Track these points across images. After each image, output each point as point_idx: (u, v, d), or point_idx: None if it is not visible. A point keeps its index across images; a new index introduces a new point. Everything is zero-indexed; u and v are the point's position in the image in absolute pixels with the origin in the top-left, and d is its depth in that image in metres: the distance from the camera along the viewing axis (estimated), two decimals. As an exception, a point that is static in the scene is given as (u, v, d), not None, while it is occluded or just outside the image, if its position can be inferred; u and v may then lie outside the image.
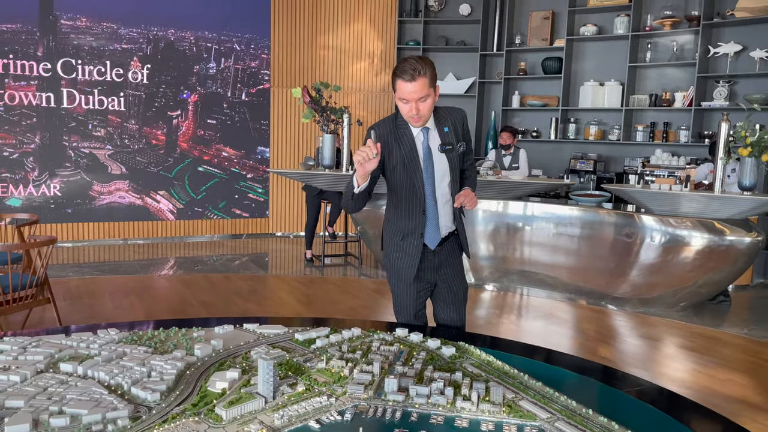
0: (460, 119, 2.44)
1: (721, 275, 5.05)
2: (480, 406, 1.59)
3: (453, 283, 2.53)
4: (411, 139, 2.36)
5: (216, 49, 7.91)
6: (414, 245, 2.42)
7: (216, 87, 7.96)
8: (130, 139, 7.60)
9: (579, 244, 5.43)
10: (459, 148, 2.42)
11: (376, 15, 8.56)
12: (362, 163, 2.10)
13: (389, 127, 2.37)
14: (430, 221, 2.41)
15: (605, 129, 7.63)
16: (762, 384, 3.63)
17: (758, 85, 6.49)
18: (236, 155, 8.17)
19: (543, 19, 7.92)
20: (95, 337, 2.02)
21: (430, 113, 2.32)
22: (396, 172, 2.37)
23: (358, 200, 2.30)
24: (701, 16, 6.67)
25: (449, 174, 2.40)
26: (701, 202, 4.91)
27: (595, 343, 4.37)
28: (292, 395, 1.63)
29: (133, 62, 7.49)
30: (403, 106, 2.27)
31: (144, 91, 7.59)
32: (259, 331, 2.17)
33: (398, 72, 2.22)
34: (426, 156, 2.36)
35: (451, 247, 2.52)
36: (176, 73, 7.73)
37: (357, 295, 5.54)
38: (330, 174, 5.79)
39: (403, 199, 2.40)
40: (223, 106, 8.02)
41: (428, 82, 2.21)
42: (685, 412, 1.73)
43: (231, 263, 6.76)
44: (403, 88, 2.21)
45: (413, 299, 2.50)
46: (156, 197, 7.79)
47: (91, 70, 7.27)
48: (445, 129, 2.38)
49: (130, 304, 4.99)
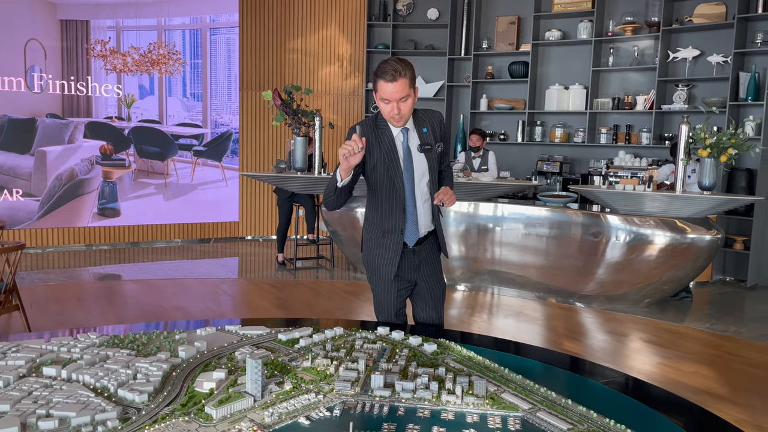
0: (438, 121, 2.51)
1: (683, 272, 5.23)
2: (464, 399, 1.64)
3: (432, 282, 2.58)
4: (391, 139, 2.42)
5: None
6: (394, 243, 2.47)
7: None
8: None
9: (547, 243, 5.55)
10: (437, 148, 2.49)
11: (345, 19, 8.60)
12: (347, 157, 2.15)
13: (370, 126, 2.43)
14: (410, 219, 2.46)
15: (570, 131, 7.81)
16: (725, 376, 3.78)
17: (715, 89, 6.74)
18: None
19: (509, 24, 8.07)
20: (76, 341, 2.01)
21: (410, 113, 2.38)
22: (376, 170, 2.43)
23: (340, 196, 2.35)
24: (661, 22, 6.90)
25: (428, 173, 2.46)
26: (664, 201, 5.08)
27: (564, 339, 4.48)
28: (280, 393, 1.65)
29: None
30: (385, 107, 2.32)
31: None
32: (241, 332, 2.18)
33: (379, 73, 2.28)
34: (406, 155, 2.42)
35: (430, 246, 2.57)
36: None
37: (330, 297, 5.55)
38: (302, 177, 5.80)
39: (384, 198, 2.45)
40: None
41: (408, 83, 2.28)
42: (656, 400, 1.82)
43: (201, 267, 6.70)
44: (385, 89, 2.27)
45: (394, 298, 2.54)
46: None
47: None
48: (424, 130, 2.45)
49: (101, 309, 4.91)
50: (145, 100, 7.73)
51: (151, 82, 7.75)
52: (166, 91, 7.84)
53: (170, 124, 7.89)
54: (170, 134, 7.90)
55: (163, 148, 7.86)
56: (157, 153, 7.84)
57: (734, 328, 4.88)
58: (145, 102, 7.73)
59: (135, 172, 7.73)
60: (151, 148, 7.79)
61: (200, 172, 8.11)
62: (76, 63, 7.27)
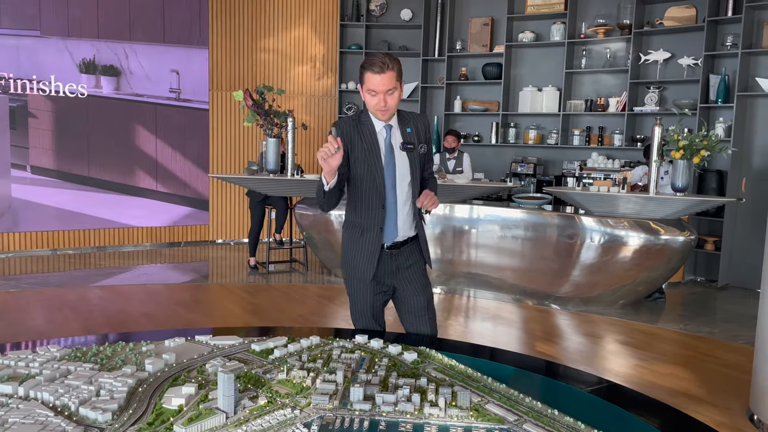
0: (423, 124, 2.51)
1: (656, 273, 5.26)
2: (448, 412, 1.57)
3: (414, 289, 2.50)
4: (373, 134, 2.39)
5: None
6: (373, 241, 2.41)
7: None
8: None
9: (523, 245, 5.54)
10: (420, 149, 2.47)
11: (318, 19, 8.50)
12: (326, 159, 2.14)
13: (352, 122, 2.41)
14: (389, 217, 2.41)
15: (544, 133, 7.83)
16: (701, 377, 3.79)
17: (686, 91, 6.82)
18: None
19: (482, 25, 8.06)
20: (35, 355, 1.89)
21: (396, 107, 2.39)
22: (358, 165, 2.39)
23: (331, 198, 2.34)
24: (632, 25, 6.95)
25: (410, 174, 2.43)
26: (637, 203, 5.10)
27: (540, 342, 4.45)
28: (254, 409, 1.56)
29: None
30: (371, 99, 2.32)
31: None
32: (212, 342, 2.08)
33: (367, 65, 2.30)
34: (387, 152, 2.40)
35: (410, 251, 2.50)
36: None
37: (304, 302, 5.45)
38: (274, 179, 5.69)
39: (364, 194, 2.41)
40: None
41: (396, 76, 2.31)
42: (644, 408, 1.78)
43: (170, 272, 6.53)
44: (372, 80, 2.28)
45: (370, 301, 2.47)
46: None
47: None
48: (408, 129, 2.44)
49: (64, 318, 4.73)
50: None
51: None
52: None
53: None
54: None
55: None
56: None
57: (707, 329, 4.92)
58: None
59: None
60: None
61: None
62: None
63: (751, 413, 3.14)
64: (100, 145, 7.44)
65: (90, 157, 7.40)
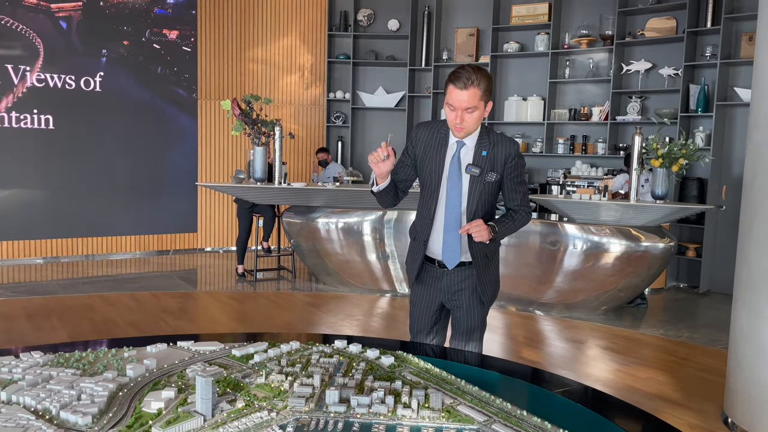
0: (507, 152, 2.28)
1: (638, 279, 5.34)
2: (420, 413, 1.62)
3: (460, 313, 2.46)
4: (444, 147, 2.30)
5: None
6: (419, 249, 2.41)
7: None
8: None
9: (507, 252, 5.60)
10: (488, 176, 2.27)
11: (306, 29, 8.58)
12: (375, 163, 2.17)
13: (433, 127, 2.35)
14: (435, 233, 2.36)
15: (529, 142, 7.93)
16: (678, 381, 3.86)
17: (667, 100, 6.94)
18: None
19: (468, 35, 8.17)
20: (18, 361, 1.92)
21: (475, 127, 2.24)
22: (424, 170, 2.34)
23: (385, 197, 2.35)
24: (614, 36, 7.08)
25: (466, 199, 2.29)
26: (619, 210, 5.19)
27: (524, 347, 4.52)
28: (232, 412, 1.61)
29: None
30: (449, 113, 2.20)
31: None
32: (194, 348, 2.12)
33: (452, 77, 2.17)
34: (451, 170, 2.28)
35: (462, 276, 2.40)
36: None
37: (291, 309, 5.48)
38: (262, 187, 5.73)
39: (423, 201, 2.38)
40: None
41: (480, 95, 2.15)
42: (610, 409, 1.84)
43: (158, 280, 6.55)
44: (453, 95, 2.16)
45: (418, 307, 2.48)
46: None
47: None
48: (483, 152, 2.27)
49: (51, 326, 4.74)
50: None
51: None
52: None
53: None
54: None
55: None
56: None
57: (687, 334, 5.00)
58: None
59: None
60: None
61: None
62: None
63: (725, 416, 3.22)
64: (89, 151, 7.45)
65: (79, 163, 7.41)
